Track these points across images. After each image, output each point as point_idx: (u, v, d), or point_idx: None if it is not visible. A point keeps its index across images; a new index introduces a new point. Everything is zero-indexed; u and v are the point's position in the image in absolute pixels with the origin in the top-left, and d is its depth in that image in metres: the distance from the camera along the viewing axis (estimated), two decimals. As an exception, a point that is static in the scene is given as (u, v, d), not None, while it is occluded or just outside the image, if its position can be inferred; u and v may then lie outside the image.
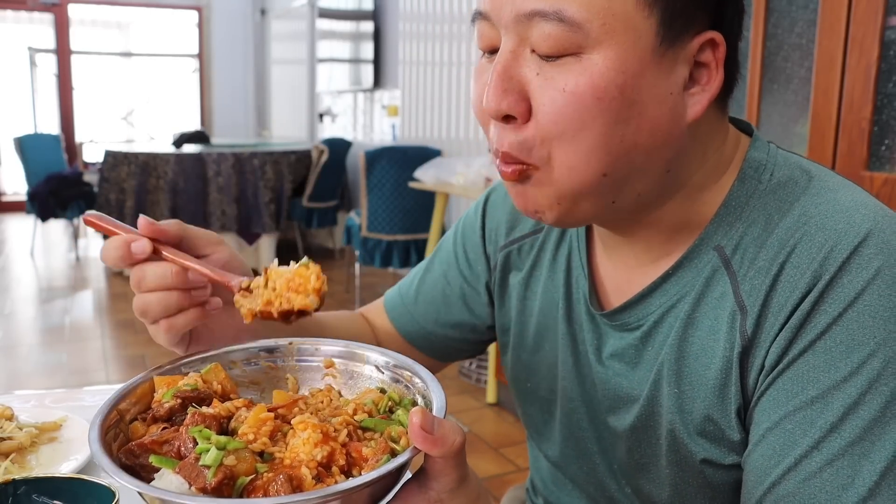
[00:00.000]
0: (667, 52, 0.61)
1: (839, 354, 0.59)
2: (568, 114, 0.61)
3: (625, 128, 0.61)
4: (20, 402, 1.04)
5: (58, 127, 8.76)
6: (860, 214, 0.63)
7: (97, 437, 0.55)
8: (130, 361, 3.89)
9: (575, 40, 0.60)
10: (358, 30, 6.08)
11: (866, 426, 0.58)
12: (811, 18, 2.05)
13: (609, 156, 0.62)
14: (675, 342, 0.69)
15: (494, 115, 0.64)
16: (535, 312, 0.86)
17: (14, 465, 0.85)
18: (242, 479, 0.51)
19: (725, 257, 0.68)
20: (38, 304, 5.04)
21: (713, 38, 0.62)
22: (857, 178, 1.92)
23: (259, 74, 9.05)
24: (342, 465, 0.52)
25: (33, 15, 8.71)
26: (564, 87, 0.61)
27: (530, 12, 0.61)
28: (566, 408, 0.83)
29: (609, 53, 0.60)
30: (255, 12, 8.93)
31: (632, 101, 0.61)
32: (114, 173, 5.57)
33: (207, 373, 0.64)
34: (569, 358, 0.81)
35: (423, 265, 0.99)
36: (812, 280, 0.61)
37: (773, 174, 0.69)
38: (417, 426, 0.50)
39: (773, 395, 0.62)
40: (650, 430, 0.73)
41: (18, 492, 0.60)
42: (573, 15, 0.59)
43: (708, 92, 0.64)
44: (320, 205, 6.01)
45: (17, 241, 7.16)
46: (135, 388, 0.63)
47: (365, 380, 0.67)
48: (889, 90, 1.87)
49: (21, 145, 6.49)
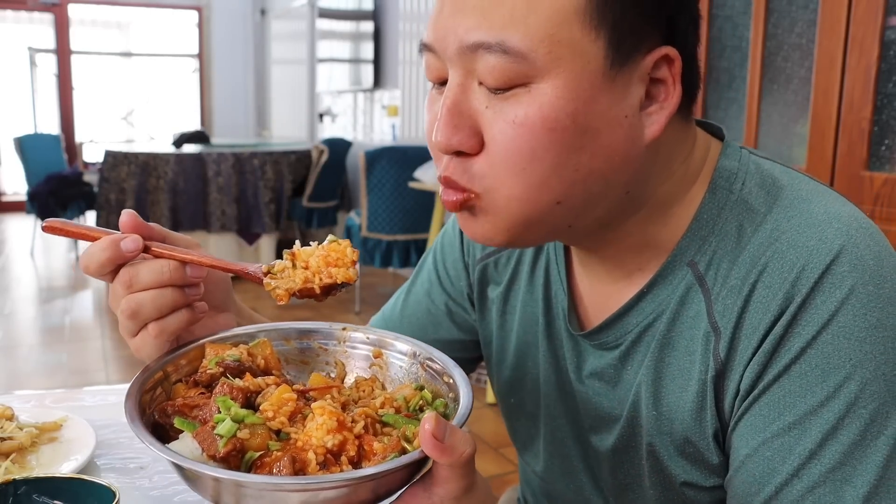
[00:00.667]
0: (618, 74, 0.59)
1: (815, 379, 0.58)
2: (519, 146, 0.59)
3: (579, 156, 0.60)
4: (20, 402, 1.04)
5: (58, 127, 8.76)
6: (833, 229, 0.61)
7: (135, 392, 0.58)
8: (130, 361, 3.89)
9: (521, 71, 0.58)
10: (358, 30, 6.08)
11: (846, 451, 0.56)
12: (811, 18, 2.05)
13: (562, 184, 0.60)
14: (651, 363, 0.68)
15: (445, 151, 0.63)
16: (514, 327, 0.84)
17: (14, 465, 0.85)
18: (252, 453, 0.53)
19: (699, 273, 0.66)
20: (38, 304, 5.04)
21: (667, 53, 0.60)
22: (857, 178, 1.93)
23: (259, 74, 9.05)
24: (352, 456, 0.53)
25: (33, 15, 8.71)
26: (514, 120, 0.59)
27: (473, 44, 0.59)
28: (551, 425, 0.81)
29: (557, 82, 0.58)
30: (255, 12, 8.93)
31: (585, 128, 0.59)
32: (114, 173, 5.57)
33: (255, 346, 0.66)
34: (551, 375, 0.80)
35: (405, 287, 0.97)
36: (784, 301, 0.60)
37: (745, 183, 0.67)
38: (429, 433, 0.50)
39: (750, 421, 0.61)
40: (632, 451, 0.72)
41: (19, 492, 0.60)
42: (516, 45, 0.57)
43: (666, 109, 0.62)
44: (320, 205, 6.01)
45: (17, 241, 7.15)
46: (189, 351, 0.65)
47: (406, 374, 0.67)
48: (889, 90, 1.87)
49: (21, 145, 6.49)
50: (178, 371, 0.64)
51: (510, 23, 0.57)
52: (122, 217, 0.66)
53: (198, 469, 0.50)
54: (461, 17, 0.60)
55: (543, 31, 0.57)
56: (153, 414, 0.59)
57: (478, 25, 0.58)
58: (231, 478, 0.50)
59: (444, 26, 0.61)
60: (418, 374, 0.67)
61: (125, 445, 0.96)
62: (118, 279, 0.65)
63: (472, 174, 0.62)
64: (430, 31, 0.63)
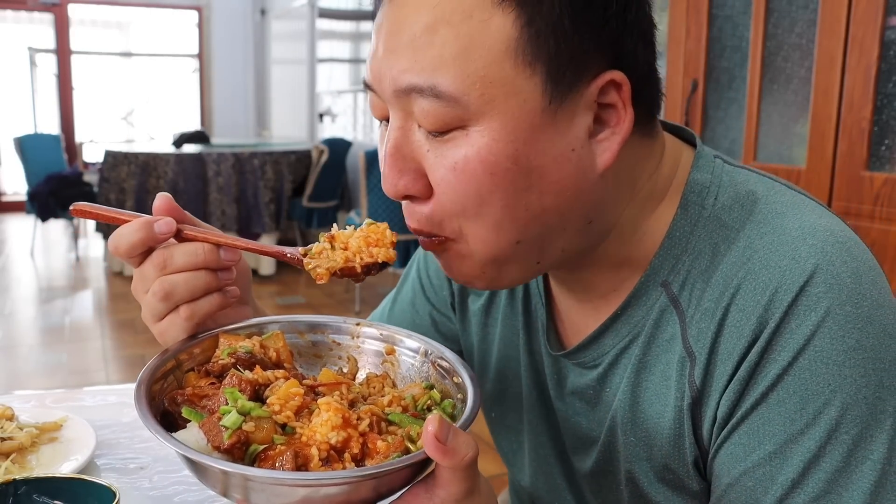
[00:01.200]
0: (560, 108, 0.56)
1: (793, 406, 0.55)
2: (463, 191, 0.57)
3: (527, 195, 0.58)
4: (20, 402, 1.04)
5: (58, 127, 8.76)
6: (807, 246, 0.58)
7: (146, 380, 0.58)
8: (130, 361, 3.89)
9: (456, 114, 0.56)
10: (358, 30, 6.08)
11: (830, 479, 0.54)
12: (811, 18, 2.05)
13: (517, 224, 0.59)
14: (628, 388, 0.66)
15: (394, 197, 0.61)
16: (496, 340, 0.82)
17: (14, 466, 0.85)
18: (255, 446, 0.53)
19: (673, 295, 0.64)
20: (38, 304, 5.04)
21: (613, 78, 0.57)
22: (856, 178, 1.93)
23: (259, 74, 9.05)
24: (355, 454, 0.53)
25: (33, 15, 8.71)
26: (455, 166, 0.57)
27: (406, 87, 0.57)
28: (534, 441, 0.80)
29: (493, 124, 0.56)
30: (255, 12, 8.93)
31: (528, 168, 0.57)
32: (114, 173, 5.57)
33: (268, 339, 0.66)
34: (533, 391, 0.78)
35: (391, 297, 0.95)
36: (758, 326, 0.57)
37: (718, 198, 0.64)
38: (431, 434, 0.50)
39: (730, 450, 0.59)
40: (610, 476, 0.71)
41: (19, 492, 0.60)
42: (448, 89, 0.55)
43: (619, 134, 0.59)
44: (320, 205, 6.01)
45: (17, 241, 7.15)
46: (202, 340, 0.65)
47: (417, 372, 0.68)
48: (889, 90, 1.87)
49: (21, 145, 6.49)
50: (192, 360, 0.65)
51: (441, 65, 0.55)
52: (156, 200, 0.66)
53: (197, 459, 0.50)
54: (393, 58, 0.57)
55: (475, 72, 0.55)
56: (163, 402, 0.59)
57: (409, 68, 0.56)
58: (231, 470, 0.50)
59: (378, 67, 0.59)
60: (429, 372, 0.67)
61: (125, 445, 0.96)
62: (151, 261, 0.65)
63: (436, 221, 0.61)
64: (368, 71, 0.61)
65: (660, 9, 2.63)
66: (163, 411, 0.59)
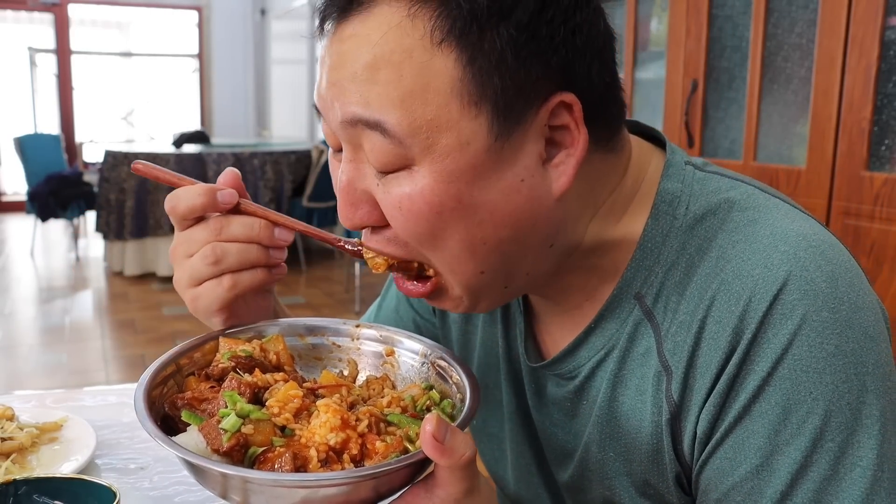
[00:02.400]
0: (507, 143, 0.55)
1: (776, 417, 0.55)
2: (411, 229, 0.57)
3: (481, 230, 0.57)
4: (21, 403, 1.04)
5: (58, 127, 8.77)
6: (779, 253, 0.57)
7: (145, 384, 0.58)
8: (130, 361, 3.89)
9: (401, 154, 0.55)
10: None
11: (819, 488, 0.53)
12: (811, 18, 2.05)
13: (476, 257, 0.58)
14: (605, 402, 0.65)
15: (351, 228, 0.61)
16: (476, 347, 0.82)
17: (15, 466, 0.85)
18: (254, 448, 0.53)
19: (647, 308, 0.63)
20: (38, 304, 5.05)
21: (562, 100, 0.56)
22: (857, 178, 1.93)
23: (259, 74, 9.05)
24: (354, 455, 0.53)
25: (33, 15, 8.71)
26: (400, 204, 0.56)
27: (352, 119, 0.56)
28: (515, 451, 0.79)
29: (436, 167, 0.55)
30: (255, 12, 8.93)
31: (474, 205, 0.56)
32: (114, 173, 5.57)
33: (268, 342, 0.66)
34: (513, 399, 0.78)
35: (375, 305, 0.95)
36: (734, 337, 0.56)
37: (689, 207, 0.63)
38: (429, 434, 0.50)
39: (715, 465, 0.58)
40: (582, 493, 0.71)
41: (19, 492, 0.60)
42: (394, 129, 0.54)
43: (574, 156, 0.57)
44: (320, 205, 6.01)
45: (17, 241, 7.16)
46: (203, 344, 0.65)
47: (416, 373, 0.68)
48: (889, 90, 1.87)
49: (21, 145, 6.50)
50: (192, 364, 0.65)
51: (386, 103, 0.54)
52: (223, 175, 0.66)
53: (196, 462, 0.50)
54: (337, 90, 0.57)
55: (422, 116, 0.54)
56: (164, 406, 0.59)
57: (355, 101, 0.55)
58: (230, 472, 0.50)
59: (324, 98, 0.59)
60: (429, 373, 0.67)
61: (125, 446, 0.96)
62: (206, 225, 0.65)
63: (398, 242, 0.60)
64: (317, 97, 0.60)
65: (660, 9, 2.63)
66: (163, 416, 0.59)
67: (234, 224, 0.64)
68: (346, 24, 0.57)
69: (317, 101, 0.61)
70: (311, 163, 5.98)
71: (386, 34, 0.54)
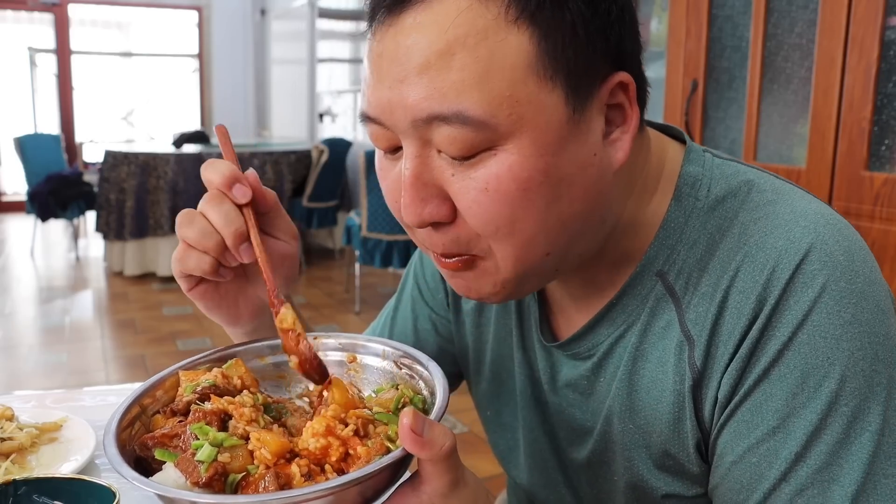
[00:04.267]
0: (581, 116, 0.57)
1: (794, 380, 0.57)
2: (497, 212, 0.57)
3: (558, 206, 0.58)
4: (20, 403, 1.04)
5: (58, 127, 8.76)
6: (800, 227, 0.60)
7: (113, 429, 0.57)
8: (130, 361, 3.89)
9: (485, 137, 0.55)
10: (358, 30, 6.08)
11: (831, 450, 0.56)
12: (811, 18, 2.05)
13: (549, 236, 0.59)
14: (625, 375, 0.67)
15: (418, 226, 0.60)
16: (490, 339, 0.83)
17: (14, 466, 0.85)
18: (234, 475, 0.52)
19: (668, 284, 0.65)
20: (38, 304, 5.04)
21: (622, 80, 0.58)
22: (857, 178, 1.92)
23: (259, 74, 9.05)
24: (334, 462, 0.53)
25: (33, 15, 8.71)
26: (487, 186, 0.56)
27: (427, 117, 0.55)
28: (529, 437, 0.81)
29: (523, 142, 0.55)
30: (255, 12, 8.93)
31: (559, 179, 0.57)
32: (114, 173, 5.57)
33: (229, 368, 0.65)
34: (527, 387, 0.79)
35: (392, 305, 0.96)
36: (757, 305, 0.59)
37: (711, 189, 0.66)
38: (407, 427, 0.50)
39: (733, 428, 0.60)
40: (605, 466, 0.72)
41: (19, 492, 0.60)
42: (475, 114, 0.54)
43: (629, 132, 0.60)
44: (320, 205, 6.01)
45: (17, 241, 7.16)
46: (163, 381, 0.64)
47: (381, 374, 0.68)
48: (889, 90, 1.87)
49: (21, 145, 6.50)
50: (156, 403, 0.63)
51: (463, 90, 0.54)
52: (249, 174, 0.67)
53: (177, 497, 0.50)
54: (406, 88, 0.56)
55: (500, 93, 0.54)
56: (134, 449, 0.58)
57: (429, 96, 0.55)
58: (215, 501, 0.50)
59: (388, 98, 0.57)
60: (394, 372, 0.67)
61: (125, 446, 0.96)
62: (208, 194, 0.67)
63: (464, 241, 0.60)
64: (371, 103, 0.60)
65: (660, 9, 2.63)
66: (135, 458, 0.57)
67: (219, 207, 0.65)
68: (405, 14, 0.56)
69: (372, 103, 0.59)
70: (311, 163, 5.98)
71: (456, 18, 0.54)
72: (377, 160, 0.65)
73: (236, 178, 0.65)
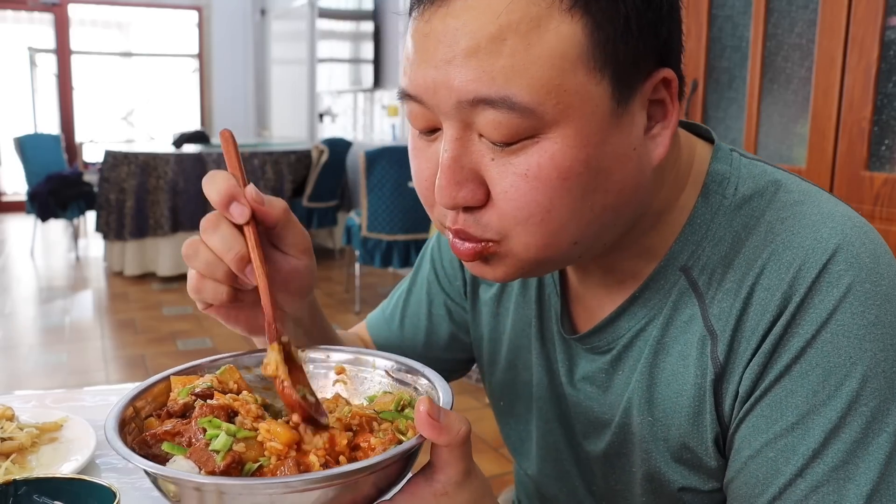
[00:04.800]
0: (625, 109, 0.57)
1: (816, 378, 0.57)
2: (533, 199, 0.57)
3: (594, 197, 0.58)
4: (20, 403, 1.04)
5: (58, 127, 8.76)
6: (827, 228, 0.60)
7: (113, 426, 0.56)
8: (130, 361, 3.89)
9: (529, 124, 0.55)
10: (358, 30, 6.08)
11: (849, 449, 0.56)
12: (811, 18, 2.05)
13: (580, 226, 0.59)
14: (645, 368, 0.68)
15: (450, 208, 0.60)
16: (507, 330, 0.83)
17: (15, 466, 0.85)
18: (250, 464, 0.52)
19: (692, 279, 0.65)
20: (38, 304, 5.04)
21: (666, 76, 0.59)
22: (857, 178, 1.92)
23: (259, 74, 9.05)
24: (343, 449, 0.53)
25: (33, 15, 8.71)
26: (527, 172, 0.56)
27: (474, 100, 0.55)
28: (543, 428, 0.81)
29: (568, 131, 0.55)
30: (255, 12, 8.93)
31: (598, 170, 0.57)
32: (114, 173, 5.57)
33: (223, 374, 0.65)
34: (543, 378, 0.79)
35: (405, 286, 0.95)
36: (783, 302, 0.59)
37: (738, 188, 0.66)
38: (424, 414, 0.50)
39: (752, 422, 0.60)
40: (624, 457, 0.72)
41: (19, 492, 0.60)
42: (523, 100, 0.54)
43: (669, 128, 0.60)
44: (320, 205, 6.00)
45: (17, 241, 7.15)
46: (151, 388, 0.63)
47: (373, 385, 0.67)
48: (889, 90, 1.87)
49: (21, 145, 6.49)
50: (147, 406, 0.62)
51: (512, 75, 0.54)
52: (248, 190, 0.63)
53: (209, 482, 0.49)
54: (454, 69, 0.55)
55: (549, 81, 0.54)
56: (133, 449, 0.56)
57: (477, 78, 0.54)
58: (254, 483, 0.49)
59: (432, 78, 0.57)
60: (383, 382, 0.66)
61: (125, 445, 0.96)
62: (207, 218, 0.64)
63: (483, 224, 0.59)
64: (414, 81, 0.59)
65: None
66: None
67: (216, 233, 0.62)
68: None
69: (415, 82, 0.59)
70: (311, 163, 5.97)
71: (510, 4, 0.54)
72: (411, 139, 0.65)
73: (233, 197, 0.62)
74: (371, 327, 0.97)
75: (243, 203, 0.62)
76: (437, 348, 0.92)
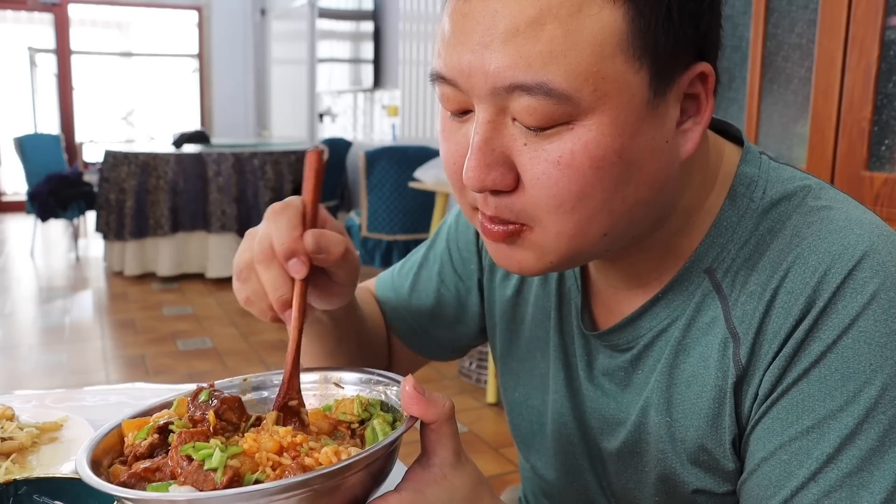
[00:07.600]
0: (661, 101, 0.57)
1: (835, 383, 0.57)
2: (565, 186, 0.56)
3: (625, 189, 0.58)
4: (21, 402, 1.04)
5: (58, 127, 8.76)
6: (855, 234, 0.60)
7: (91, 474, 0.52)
8: (130, 361, 3.89)
9: (565, 111, 0.54)
10: (358, 30, 6.08)
11: (864, 456, 0.56)
12: (811, 18, 2.05)
13: (611, 217, 0.59)
14: (665, 368, 0.67)
15: (478, 191, 0.59)
16: (526, 320, 0.83)
17: (15, 466, 0.85)
18: (249, 475, 0.51)
19: (716, 281, 0.65)
20: (38, 304, 5.04)
21: (703, 70, 0.58)
22: (857, 178, 1.93)
23: (259, 74, 9.05)
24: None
25: (33, 15, 8.71)
26: (559, 159, 0.55)
27: (510, 86, 0.54)
28: (557, 422, 0.80)
29: (604, 119, 0.55)
30: (255, 12, 8.93)
31: (630, 161, 0.57)
32: (114, 173, 5.57)
33: (179, 407, 0.61)
34: (560, 371, 0.79)
35: (419, 258, 0.94)
36: (806, 306, 0.59)
37: (766, 192, 0.66)
38: (412, 391, 0.52)
39: (767, 424, 0.60)
40: (638, 456, 0.72)
41: (20, 492, 0.60)
42: (559, 86, 0.53)
43: (700, 124, 0.60)
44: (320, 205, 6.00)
45: (17, 241, 7.15)
46: (106, 436, 0.59)
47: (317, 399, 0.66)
48: (889, 90, 1.87)
49: (21, 145, 6.49)
50: (105, 455, 0.58)
51: (550, 61, 0.53)
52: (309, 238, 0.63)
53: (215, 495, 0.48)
54: (490, 53, 0.55)
55: (587, 68, 0.53)
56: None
57: (513, 64, 0.54)
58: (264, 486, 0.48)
59: (468, 62, 0.56)
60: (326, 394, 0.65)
61: (125, 445, 0.96)
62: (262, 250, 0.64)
63: (516, 210, 0.59)
64: (449, 64, 0.58)
65: (660, 9, 2.63)
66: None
67: (269, 270, 0.63)
68: None
69: (449, 64, 0.58)
70: (311, 163, 5.97)
71: None
72: (441, 121, 0.64)
73: (293, 253, 0.62)
74: (379, 292, 0.96)
75: (303, 261, 0.62)
76: (442, 327, 0.92)
